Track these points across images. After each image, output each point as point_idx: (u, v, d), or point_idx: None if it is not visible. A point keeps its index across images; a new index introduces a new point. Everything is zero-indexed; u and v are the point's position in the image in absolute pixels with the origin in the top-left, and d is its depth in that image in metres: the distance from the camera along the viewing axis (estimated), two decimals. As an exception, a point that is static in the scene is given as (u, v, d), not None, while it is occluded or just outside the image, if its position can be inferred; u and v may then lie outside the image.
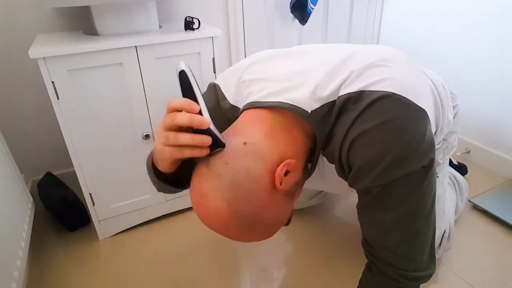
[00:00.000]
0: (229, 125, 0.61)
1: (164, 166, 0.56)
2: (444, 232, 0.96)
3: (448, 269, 0.97)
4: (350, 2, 1.72)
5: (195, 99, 0.50)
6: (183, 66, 0.50)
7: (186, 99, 0.50)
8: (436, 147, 0.87)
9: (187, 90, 0.50)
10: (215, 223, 0.54)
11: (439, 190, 0.93)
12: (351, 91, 0.56)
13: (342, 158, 0.58)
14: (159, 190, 0.68)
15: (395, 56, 0.64)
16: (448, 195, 1.02)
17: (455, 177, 1.17)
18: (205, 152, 0.52)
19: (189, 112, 0.49)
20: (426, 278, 0.63)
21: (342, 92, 0.57)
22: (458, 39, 1.45)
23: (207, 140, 0.50)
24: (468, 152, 1.48)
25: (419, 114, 0.55)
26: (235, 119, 0.62)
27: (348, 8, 1.73)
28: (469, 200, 1.20)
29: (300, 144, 0.60)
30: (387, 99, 0.54)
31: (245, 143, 0.54)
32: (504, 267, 0.97)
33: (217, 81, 0.73)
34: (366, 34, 1.84)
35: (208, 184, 0.52)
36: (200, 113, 0.50)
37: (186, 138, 0.49)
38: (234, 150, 0.53)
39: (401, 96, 0.54)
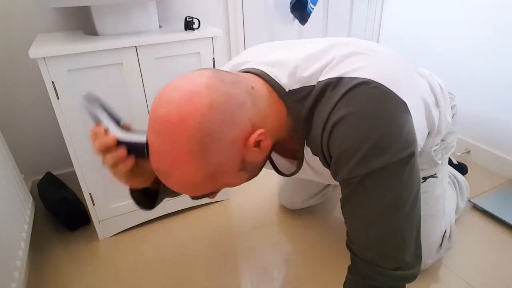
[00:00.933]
0: None
1: (130, 185, 0.61)
2: (445, 232, 0.96)
3: (448, 269, 0.97)
4: (350, 2, 1.72)
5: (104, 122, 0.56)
6: (85, 101, 0.58)
7: (92, 128, 0.55)
8: (435, 147, 0.87)
9: (93, 118, 0.57)
10: (175, 109, 0.47)
11: (438, 190, 0.93)
12: (330, 77, 0.56)
13: (323, 147, 0.57)
14: (140, 207, 0.73)
15: (381, 49, 0.64)
16: (448, 195, 1.02)
17: (455, 177, 1.17)
18: (130, 161, 0.55)
19: (98, 139, 0.54)
20: (410, 279, 0.61)
21: (322, 77, 0.57)
22: (458, 39, 1.45)
23: (121, 153, 0.54)
24: (468, 152, 1.48)
25: (398, 104, 0.55)
26: None
27: (348, 8, 1.73)
28: (469, 200, 1.20)
29: (276, 126, 0.59)
30: (365, 86, 0.53)
31: (253, 87, 0.56)
32: (504, 267, 0.97)
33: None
34: (366, 34, 1.84)
35: (204, 77, 0.50)
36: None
37: (107, 160, 0.55)
38: (244, 85, 0.54)
39: (380, 84, 0.54)
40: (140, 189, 0.67)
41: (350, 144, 0.53)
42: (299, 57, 0.61)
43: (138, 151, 0.55)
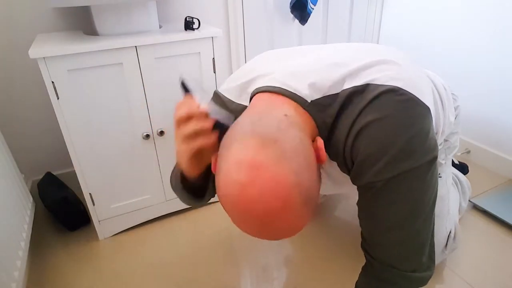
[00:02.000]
0: None
1: (186, 167, 0.57)
2: (450, 232, 0.95)
3: (448, 269, 0.97)
4: (350, 2, 1.72)
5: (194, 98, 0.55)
6: (183, 77, 0.58)
7: (183, 97, 0.54)
8: (438, 148, 0.88)
9: (187, 93, 0.57)
10: (273, 200, 0.43)
11: (442, 190, 0.93)
12: (356, 85, 0.56)
13: (346, 151, 0.57)
14: (184, 201, 0.70)
15: (401, 55, 0.64)
16: (452, 195, 1.01)
17: (457, 177, 1.17)
18: (214, 137, 0.53)
19: (186, 105, 0.53)
20: (425, 280, 0.62)
21: (347, 85, 0.56)
22: (458, 39, 1.45)
23: (208, 123, 0.52)
24: (468, 152, 1.48)
25: (424, 110, 0.56)
26: None
27: (348, 8, 1.73)
28: (469, 200, 1.20)
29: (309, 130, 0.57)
30: (392, 93, 0.54)
31: (285, 115, 0.53)
32: (504, 267, 0.97)
33: (219, 89, 0.73)
34: (366, 34, 1.84)
35: (261, 153, 0.44)
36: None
37: (189, 127, 0.52)
38: (279, 121, 0.51)
39: (407, 91, 0.54)
40: (186, 176, 0.62)
41: (376, 148, 0.53)
42: (317, 66, 0.60)
43: (222, 129, 0.53)
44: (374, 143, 0.53)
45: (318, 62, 0.61)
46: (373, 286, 0.64)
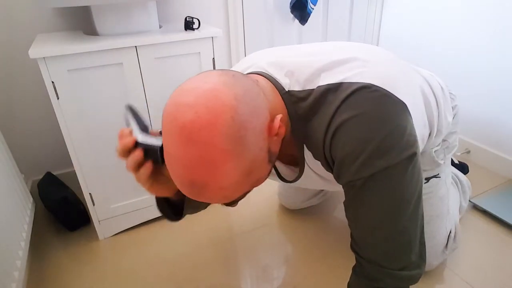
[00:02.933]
0: None
1: (153, 193, 0.60)
2: (450, 232, 0.95)
3: (448, 269, 0.97)
4: (350, 2, 1.72)
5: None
6: (128, 105, 0.61)
7: (120, 130, 0.57)
8: (436, 148, 0.87)
9: (126, 123, 0.59)
10: (205, 109, 0.44)
11: (442, 190, 0.93)
12: (330, 82, 0.56)
13: (325, 151, 0.58)
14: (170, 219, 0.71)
15: (379, 52, 0.65)
16: (452, 195, 1.01)
17: (457, 177, 1.17)
18: (148, 166, 0.54)
19: (120, 140, 0.55)
20: (415, 278, 0.61)
21: (322, 82, 0.57)
22: (458, 39, 1.45)
23: (137, 155, 0.53)
24: (468, 152, 1.48)
25: (398, 106, 0.56)
26: None
27: (348, 8, 1.73)
28: (469, 200, 1.20)
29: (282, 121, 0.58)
30: (365, 90, 0.54)
31: (257, 80, 0.56)
32: (504, 267, 0.97)
33: None
34: (366, 34, 1.84)
35: (215, 75, 0.49)
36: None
37: (127, 164, 0.55)
38: (251, 79, 0.53)
39: (380, 87, 0.55)
40: (164, 198, 0.66)
41: (353, 147, 0.53)
42: (297, 59, 0.62)
43: (155, 155, 0.52)
44: (350, 141, 0.54)
45: (298, 56, 0.63)
46: (363, 285, 0.63)
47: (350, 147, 0.54)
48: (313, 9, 1.51)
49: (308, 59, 0.61)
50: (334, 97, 0.55)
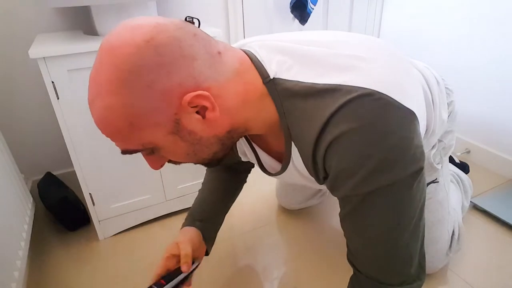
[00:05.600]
0: None
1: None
2: (453, 233, 0.93)
3: (448, 269, 0.97)
4: (350, 2, 1.72)
5: None
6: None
7: None
8: (433, 151, 0.84)
9: None
10: (113, 39, 0.45)
11: (441, 195, 0.90)
12: (328, 82, 0.49)
13: (317, 161, 0.52)
14: None
15: (381, 48, 0.58)
16: (452, 196, 0.98)
17: (459, 176, 1.15)
18: None
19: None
20: None
21: (318, 80, 0.49)
22: (458, 39, 1.45)
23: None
24: (468, 152, 1.48)
25: (405, 115, 0.48)
26: None
27: (348, 8, 1.73)
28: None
29: (247, 110, 0.53)
30: (368, 98, 0.47)
31: (219, 53, 0.50)
32: (504, 267, 0.97)
33: None
34: (366, 34, 1.83)
35: (162, 19, 0.47)
36: None
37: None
38: (209, 46, 0.49)
39: (384, 94, 0.47)
40: None
41: (351, 162, 0.48)
42: (295, 46, 0.55)
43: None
44: (349, 156, 0.47)
45: (298, 40, 0.56)
46: None
47: (347, 162, 0.48)
48: (313, 9, 1.51)
49: (309, 48, 0.54)
50: (331, 100, 0.48)
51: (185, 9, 1.36)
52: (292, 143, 0.56)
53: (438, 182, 0.89)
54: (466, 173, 1.32)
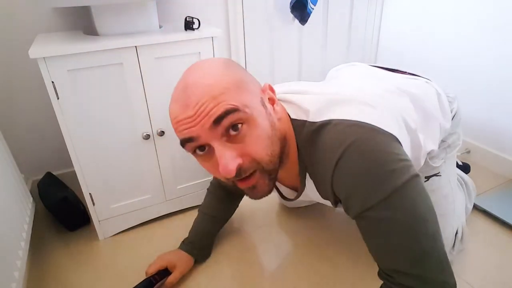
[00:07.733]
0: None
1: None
2: (457, 232, 0.95)
3: (448, 269, 0.97)
4: (350, 2, 1.72)
5: None
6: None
7: None
8: (433, 154, 0.88)
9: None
10: (204, 64, 0.60)
11: (446, 189, 0.92)
12: (321, 120, 0.62)
13: (333, 187, 0.61)
14: None
15: (378, 97, 0.71)
16: (458, 196, 1.00)
17: (462, 178, 1.16)
18: None
19: None
20: None
21: (319, 118, 0.62)
22: (458, 40, 1.45)
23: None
24: (468, 152, 1.48)
25: (387, 136, 0.58)
26: None
27: (348, 8, 1.73)
28: (470, 201, 1.20)
29: (286, 135, 0.66)
30: (355, 126, 0.58)
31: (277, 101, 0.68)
32: (504, 267, 0.97)
33: None
34: (366, 34, 1.84)
35: (221, 64, 0.61)
36: None
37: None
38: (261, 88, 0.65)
39: (366, 122, 0.58)
40: None
41: (352, 182, 0.56)
42: (309, 99, 0.69)
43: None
44: (349, 177, 0.56)
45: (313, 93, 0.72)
46: None
47: (349, 183, 0.57)
48: (313, 9, 1.51)
49: (316, 96, 0.69)
50: (327, 133, 0.60)
51: (185, 9, 1.36)
52: (307, 175, 0.69)
53: (440, 175, 0.91)
54: (467, 173, 1.32)
